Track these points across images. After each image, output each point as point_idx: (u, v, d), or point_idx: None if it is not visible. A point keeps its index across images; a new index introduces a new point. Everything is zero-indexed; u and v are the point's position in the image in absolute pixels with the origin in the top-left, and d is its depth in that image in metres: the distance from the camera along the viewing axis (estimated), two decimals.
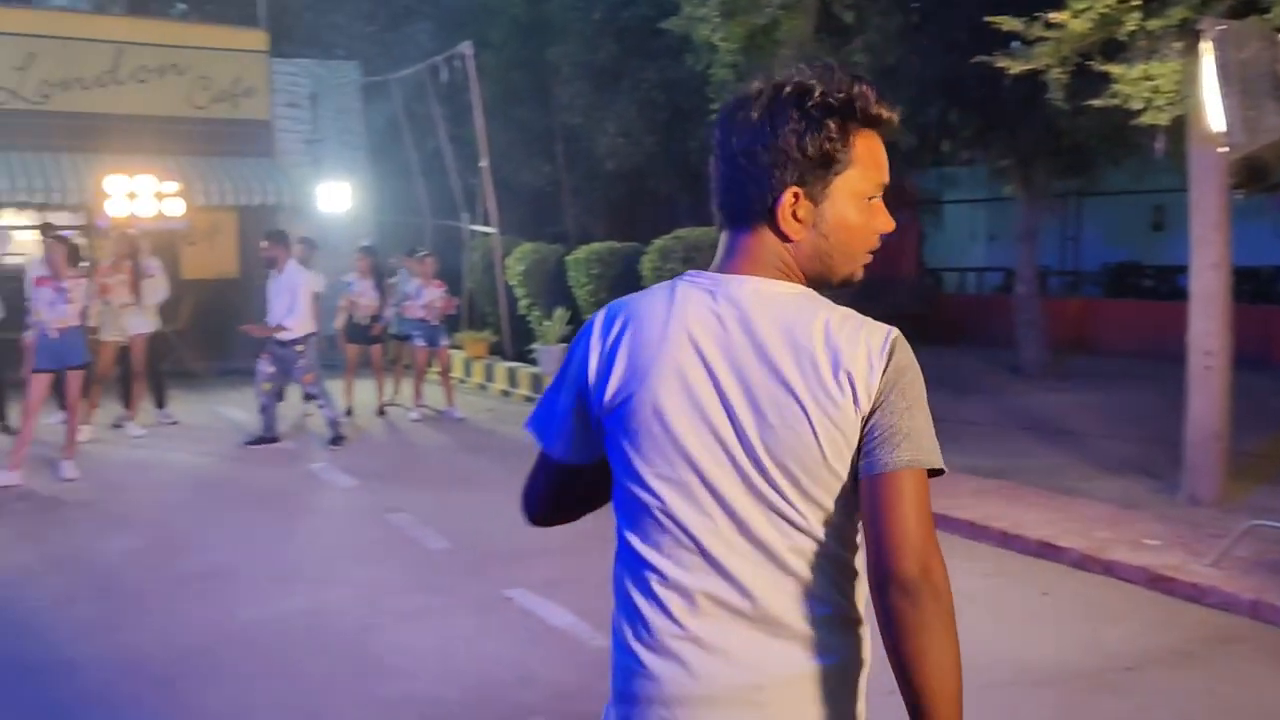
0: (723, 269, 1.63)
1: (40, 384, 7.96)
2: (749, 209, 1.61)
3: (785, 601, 1.54)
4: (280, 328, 9.12)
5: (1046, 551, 6.01)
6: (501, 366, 13.05)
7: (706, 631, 1.54)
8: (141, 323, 9.97)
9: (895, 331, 1.55)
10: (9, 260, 12.46)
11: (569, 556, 5.93)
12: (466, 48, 13.36)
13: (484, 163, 13.59)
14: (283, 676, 4.44)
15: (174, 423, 10.48)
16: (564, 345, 12.35)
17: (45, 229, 9.94)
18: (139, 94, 15.28)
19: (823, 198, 1.59)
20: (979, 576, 5.60)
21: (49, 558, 6.21)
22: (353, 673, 4.47)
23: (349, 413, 10.83)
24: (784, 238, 1.60)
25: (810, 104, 1.57)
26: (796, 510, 1.53)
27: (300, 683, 4.37)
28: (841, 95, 1.58)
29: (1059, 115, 8.75)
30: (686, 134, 15.42)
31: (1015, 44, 7.13)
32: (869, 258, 1.66)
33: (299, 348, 9.12)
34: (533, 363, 12.33)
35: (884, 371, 1.51)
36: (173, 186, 13.06)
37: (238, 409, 11.39)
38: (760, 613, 1.54)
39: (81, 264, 9.08)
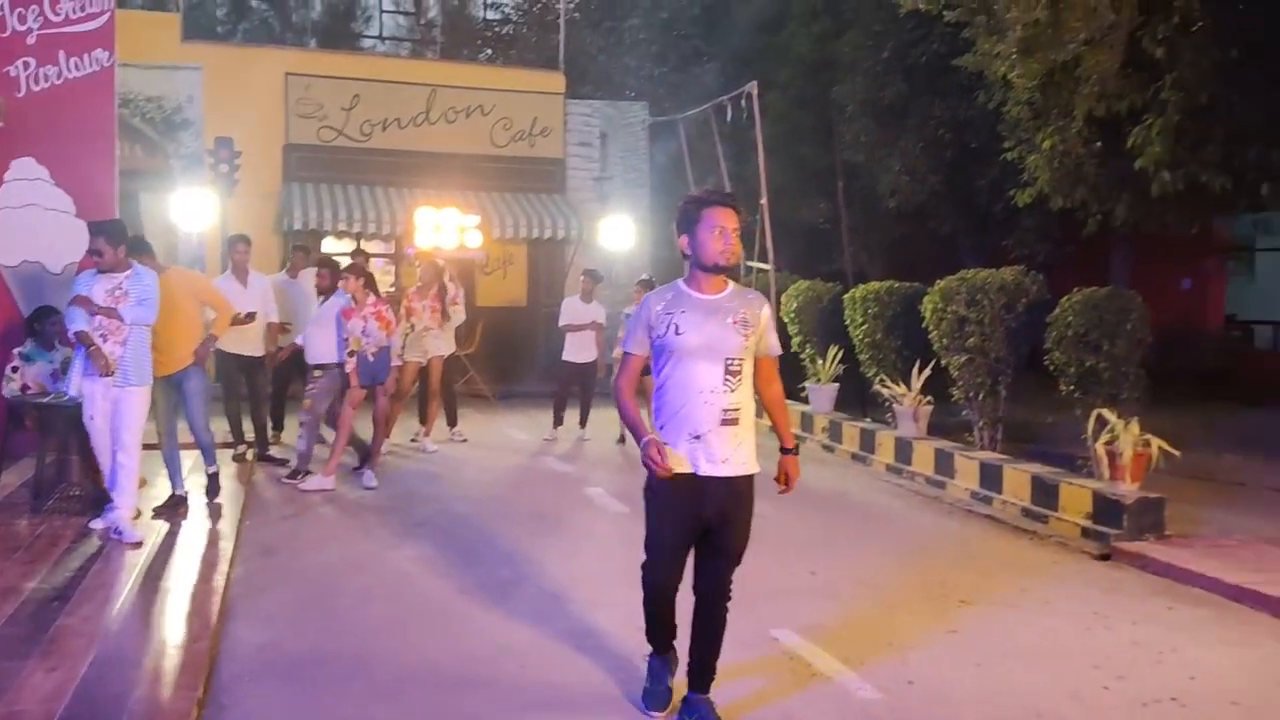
0: None
1: (355, 399, 8.70)
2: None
3: None
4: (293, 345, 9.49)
5: None
6: None
7: None
8: (441, 345, 10.65)
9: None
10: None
11: (837, 602, 5.84)
12: (752, 87, 13.56)
13: (764, 200, 13.70)
14: (549, 689, 4.61)
15: (464, 440, 11.13)
16: (836, 384, 12.19)
17: (354, 258, 10.70)
18: (447, 133, 16.47)
19: (695, 234, 3.99)
20: None
21: (350, 559, 6.75)
22: (617, 698, 4.57)
23: (622, 440, 11.11)
24: (684, 256, 4.06)
25: (684, 200, 4.12)
26: None
27: (565, 699, 4.52)
28: (695, 195, 4.10)
29: None
30: (973, 173, 14.98)
31: None
32: (724, 257, 3.95)
33: (317, 373, 9.07)
34: (804, 401, 12.27)
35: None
36: (473, 220, 13.97)
37: (521, 431, 11.99)
38: None
39: (389, 290, 9.77)
